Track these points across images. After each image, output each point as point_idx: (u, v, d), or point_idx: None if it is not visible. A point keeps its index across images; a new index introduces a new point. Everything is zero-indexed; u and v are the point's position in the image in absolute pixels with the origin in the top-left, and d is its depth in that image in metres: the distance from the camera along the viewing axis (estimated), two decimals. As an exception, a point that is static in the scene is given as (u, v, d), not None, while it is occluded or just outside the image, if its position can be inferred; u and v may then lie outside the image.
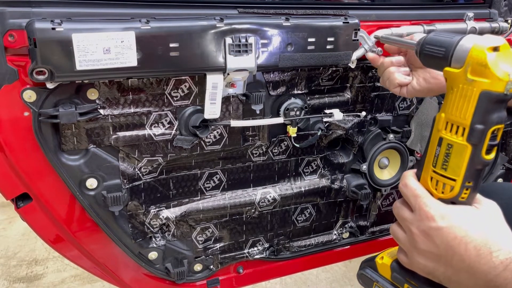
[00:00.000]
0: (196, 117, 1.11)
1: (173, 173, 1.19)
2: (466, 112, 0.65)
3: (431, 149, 0.72)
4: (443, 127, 0.69)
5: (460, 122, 0.66)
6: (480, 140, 0.66)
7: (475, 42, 0.64)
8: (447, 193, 0.71)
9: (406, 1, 1.45)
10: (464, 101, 0.65)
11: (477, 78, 0.63)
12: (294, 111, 1.19)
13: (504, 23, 1.33)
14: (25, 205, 1.06)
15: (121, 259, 1.23)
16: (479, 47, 0.63)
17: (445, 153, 0.69)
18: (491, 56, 0.62)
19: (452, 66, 0.67)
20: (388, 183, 1.46)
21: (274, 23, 1.03)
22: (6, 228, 2.79)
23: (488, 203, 0.74)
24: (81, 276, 2.36)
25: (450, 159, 0.69)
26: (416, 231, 0.73)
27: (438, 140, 0.70)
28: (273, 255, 1.43)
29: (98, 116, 1.01)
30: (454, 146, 0.68)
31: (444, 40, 0.68)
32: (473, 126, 0.65)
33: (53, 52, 0.85)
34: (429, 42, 0.72)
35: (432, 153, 0.72)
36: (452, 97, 0.67)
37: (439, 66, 0.70)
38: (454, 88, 0.67)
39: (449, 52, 0.67)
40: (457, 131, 0.67)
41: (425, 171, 0.74)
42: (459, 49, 0.66)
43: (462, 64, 0.65)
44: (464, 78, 0.64)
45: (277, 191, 1.34)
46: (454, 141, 0.67)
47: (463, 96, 0.65)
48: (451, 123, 0.68)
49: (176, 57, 0.95)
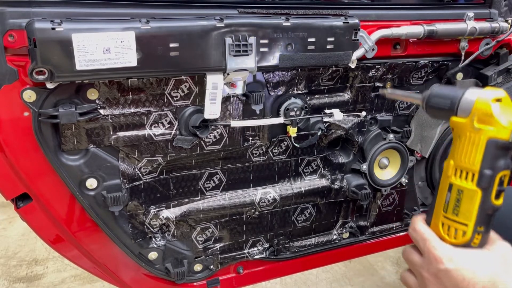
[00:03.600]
0: (196, 117, 1.11)
1: (173, 173, 1.19)
2: (475, 159, 0.69)
3: (441, 195, 0.75)
4: (453, 173, 0.72)
5: (469, 168, 0.70)
6: (489, 184, 0.69)
7: (479, 94, 0.69)
8: (459, 238, 0.73)
9: (406, 1, 1.45)
10: (472, 148, 0.69)
11: (484, 126, 0.68)
12: (294, 111, 1.19)
13: (504, 23, 1.33)
14: (25, 205, 1.06)
15: (121, 259, 1.23)
16: (484, 98, 0.68)
17: (456, 198, 0.72)
18: (495, 107, 0.67)
19: (459, 116, 0.71)
20: (388, 183, 1.45)
21: (274, 23, 1.03)
22: (6, 228, 2.79)
23: (500, 245, 0.75)
24: (81, 276, 2.36)
25: (461, 204, 0.71)
26: (426, 274, 0.74)
27: (448, 186, 0.73)
28: (273, 255, 1.43)
29: (98, 116, 1.01)
30: (465, 191, 0.71)
31: (449, 93, 0.73)
32: (482, 171, 0.69)
33: (53, 52, 0.85)
34: (435, 95, 0.75)
35: (442, 199, 0.74)
36: (460, 145, 0.71)
37: (446, 116, 0.74)
38: (462, 136, 0.71)
39: (455, 103, 0.71)
40: (467, 177, 0.70)
41: (436, 217, 0.76)
42: (464, 101, 0.70)
43: (468, 114, 0.70)
44: (471, 126, 0.69)
45: (277, 191, 1.33)
46: (465, 187, 0.71)
47: (471, 144, 0.69)
48: (461, 169, 0.71)
49: (176, 57, 0.95)
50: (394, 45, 1.27)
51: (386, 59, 1.27)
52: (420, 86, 1.40)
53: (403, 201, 1.55)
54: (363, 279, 2.47)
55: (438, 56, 1.36)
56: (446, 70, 1.38)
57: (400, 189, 1.52)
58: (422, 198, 1.61)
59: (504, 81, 1.44)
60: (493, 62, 1.44)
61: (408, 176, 1.49)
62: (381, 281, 2.47)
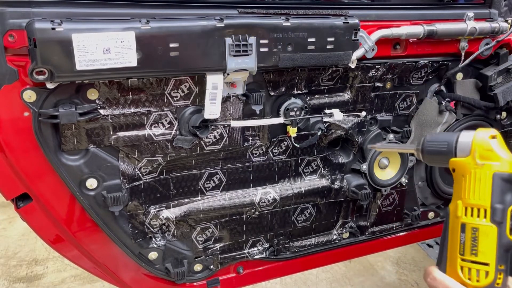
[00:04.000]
0: (196, 117, 1.11)
1: (173, 173, 1.19)
2: (484, 194, 0.69)
3: (454, 237, 0.73)
4: (463, 213, 0.71)
5: (480, 205, 0.69)
6: (503, 219, 0.69)
7: (475, 134, 0.71)
8: (482, 280, 0.71)
9: (406, 1, 1.45)
10: (480, 184, 0.69)
11: (487, 161, 0.69)
12: (294, 111, 1.19)
13: (504, 23, 1.33)
14: (25, 205, 1.06)
15: (121, 259, 1.23)
16: (481, 136, 0.70)
17: (472, 238, 0.70)
18: (493, 142, 0.69)
19: (458, 156, 0.72)
20: (388, 183, 1.45)
21: (274, 23, 1.03)
22: (6, 228, 2.79)
23: None
24: (81, 276, 2.36)
25: (479, 243, 0.70)
26: None
27: (461, 227, 0.72)
28: (273, 255, 1.43)
29: (98, 116, 1.01)
30: (480, 228, 0.70)
31: (444, 138, 0.75)
32: (493, 205, 0.69)
33: (53, 52, 0.85)
34: (430, 141, 0.77)
35: (456, 242, 0.73)
36: (466, 183, 0.71)
37: (444, 159, 0.75)
38: (466, 174, 0.71)
39: (452, 145, 0.73)
40: (479, 214, 0.70)
41: (452, 262, 0.74)
42: (461, 141, 0.72)
43: (468, 153, 0.71)
44: (474, 163, 0.70)
45: (277, 191, 1.33)
46: (479, 224, 0.70)
47: (478, 180, 0.69)
48: (471, 207, 0.70)
49: (176, 57, 0.95)
50: (394, 45, 1.27)
51: (386, 59, 1.27)
52: (420, 86, 1.40)
53: (403, 201, 1.55)
54: (363, 279, 2.47)
55: (438, 56, 1.36)
56: (446, 70, 1.38)
57: (400, 189, 1.52)
58: (422, 198, 1.61)
59: (504, 81, 1.44)
60: (493, 62, 1.44)
61: (408, 176, 1.49)
62: (381, 281, 2.47)
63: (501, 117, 1.51)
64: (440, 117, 1.41)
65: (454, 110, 1.43)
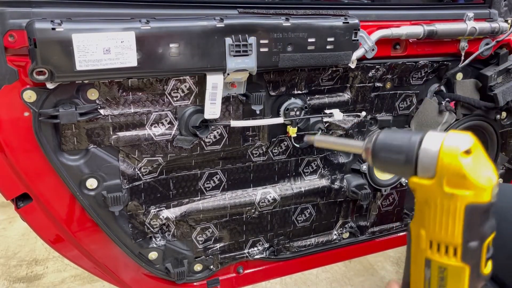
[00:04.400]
0: (196, 117, 1.11)
1: (173, 173, 1.19)
2: (454, 231, 0.54)
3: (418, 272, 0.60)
4: (428, 247, 0.57)
5: (449, 242, 0.55)
6: (477, 257, 0.55)
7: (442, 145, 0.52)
8: None
9: (406, 1, 1.45)
10: (448, 218, 0.54)
11: (458, 191, 0.52)
12: (294, 111, 1.19)
13: (504, 23, 1.33)
14: (25, 205, 1.06)
15: (121, 259, 1.23)
16: (449, 153, 0.52)
17: (440, 277, 0.57)
18: (467, 163, 0.51)
19: (420, 176, 0.55)
20: (388, 183, 1.46)
21: (274, 23, 1.03)
22: (6, 228, 2.79)
23: None
24: (81, 276, 2.36)
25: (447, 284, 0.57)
26: None
27: (425, 262, 0.58)
28: (273, 255, 1.43)
29: (98, 116, 1.01)
30: (449, 268, 0.56)
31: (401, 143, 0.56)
32: (466, 245, 0.54)
33: (53, 52, 0.85)
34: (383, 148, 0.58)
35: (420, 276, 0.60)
36: (431, 214, 0.56)
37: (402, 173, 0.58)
38: (431, 203, 0.55)
39: (412, 158, 0.54)
40: (447, 251, 0.55)
41: None
42: (423, 155, 0.54)
43: (432, 174, 0.53)
44: (440, 191, 0.53)
45: (277, 191, 1.34)
46: (447, 264, 0.56)
47: (445, 213, 0.54)
48: (438, 243, 0.56)
49: (176, 57, 0.95)
50: (394, 45, 1.27)
51: (386, 59, 1.27)
52: (420, 86, 1.40)
53: (403, 201, 1.55)
54: (363, 279, 2.47)
55: (438, 56, 1.36)
56: (446, 70, 1.38)
57: (400, 189, 1.52)
58: (422, 198, 1.61)
59: (504, 81, 1.44)
60: (493, 62, 1.44)
61: (408, 176, 1.49)
62: (381, 281, 2.47)
63: (501, 117, 1.52)
64: (440, 117, 1.41)
65: (454, 110, 1.43)
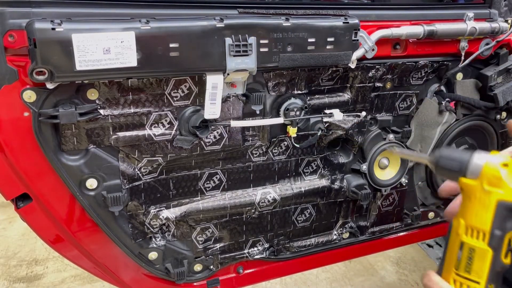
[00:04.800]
0: (196, 117, 1.11)
1: (173, 173, 1.19)
2: (486, 219, 0.73)
3: (452, 252, 0.77)
4: (463, 232, 0.75)
5: (480, 228, 0.73)
6: (499, 244, 0.72)
7: (488, 159, 0.73)
8: None
9: (406, 1, 1.45)
10: (483, 209, 0.73)
11: (493, 189, 0.72)
12: (294, 111, 1.19)
13: (504, 23, 1.33)
14: (25, 205, 1.06)
15: (121, 259, 1.23)
16: (492, 163, 0.72)
17: (468, 257, 0.75)
18: (503, 171, 0.71)
19: (468, 177, 0.75)
20: (388, 183, 1.45)
21: (274, 23, 1.03)
22: (6, 228, 2.79)
23: None
24: (81, 276, 2.36)
25: (474, 262, 0.74)
26: None
27: (460, 245, 0.76)
28: (273, 255, 1.43)
29: (98, 116, 1.01)
30: (477, 250, 0.74)
31: (458, 156, 0.77)
32: (493, 231, 0.72)
33: (53, 52, 0.85)
34: (444, 157, 0.78)
35: (453, 256, 0.77)
36: (471, 205, 0.74)
37: (455, 177, 0.77)
38: (472, 197, 0.74)
39: (464, 166, 0.75)
40: (478, 236, 0.74)
41: (447, 273, 0.79)
42: (473, 164, 0.74)
43: (477, 176, 0.73)
44: (481, 188, 0.73)
45: (277, 191, 1.33)
46: (476, 246, 0.74)
47: (482, 205, 0.73)
48: (472, 228, 0.74)
49: (176, 57, 0.95)
50: (394, 45, 1.27)
51: (386, 59, 1.27)
52: (420, 86, 1.40)
53: (403, 201, 1.55)
54: (363, 279, 2.47)
55: (438, 56, 1.36)
56: (446, 70, 1.38)
57: (400, 189, 1.52)
58: (422, 198, 1.61)
59: (504, 81, 1.44)
60: (493, 62, 1.44)
61: (408, 176, 1.49)
62: (381, 281, 2.47)
63: (501, 117, 1.51)
64: (440, 117, 1.41)
65: (454, 110, 1.43)
